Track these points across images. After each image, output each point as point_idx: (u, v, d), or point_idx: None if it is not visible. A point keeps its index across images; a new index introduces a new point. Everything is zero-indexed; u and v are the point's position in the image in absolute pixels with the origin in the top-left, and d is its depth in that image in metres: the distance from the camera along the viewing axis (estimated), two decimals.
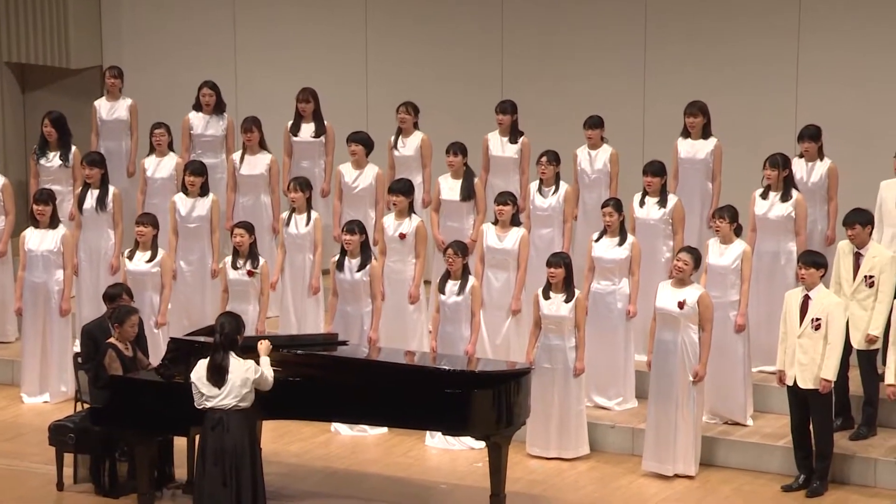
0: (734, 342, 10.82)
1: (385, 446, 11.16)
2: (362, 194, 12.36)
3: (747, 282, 10.82)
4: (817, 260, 10.16)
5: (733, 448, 10.67)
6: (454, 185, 12.06)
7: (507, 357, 11.26)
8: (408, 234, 11.55)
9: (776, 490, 10.25)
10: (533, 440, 10.87)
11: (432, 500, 10.24)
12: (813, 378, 10.02)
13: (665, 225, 11.52)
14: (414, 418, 9.81)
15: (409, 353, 10.81)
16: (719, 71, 12.70)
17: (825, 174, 11.45)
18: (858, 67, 12.27)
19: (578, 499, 10.21)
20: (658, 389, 10.46)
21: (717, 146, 11.83)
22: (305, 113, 12.93)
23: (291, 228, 11.83)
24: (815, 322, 10.02)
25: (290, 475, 10.61)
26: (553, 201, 11.87)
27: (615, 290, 11.14)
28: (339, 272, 11.21)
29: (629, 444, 10.94)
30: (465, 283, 10.91)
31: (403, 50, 13.93)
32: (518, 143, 12.41)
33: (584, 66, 13.25)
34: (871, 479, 10.27)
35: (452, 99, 13.60)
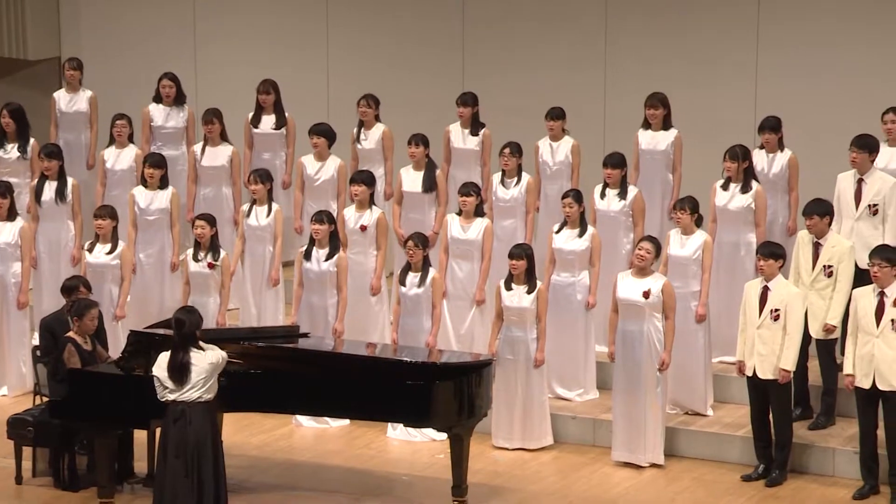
0: (695, 332, 10.88)
1: (347, 438, 11.17)
2: (324, 186, 12.36)
3: (708, 272, 10.89)
4: (776, 251, 10.23)
5: (694, 438, 10.73)
6: (416, 177, 12.08)
7: (472, 347, 11.30)
8: (369, 226, 11.56)
9: (736, 479, 10.32)
10: (496, 431, 10.91)
11: (394, 491, 10.26)
12: (772, 368, 10.09)
13: (626, 216, 11.56)
14: (375, 410, 9.84)
15: (371, 346, 10.83)
16: (679, 63, 12.76)
17: (785, 165, 11.52)
18: (817, 60, 12.36)
19: (541, 489, 10.26)
20: (625, 380, 10.51)
21: (677, 137, 11.89)
22: (266, 104, 12.91)
23: (252, 220, 11.82)
24: (774, 313, 10.09)
25: (251, 467, 10.60)
26: (515, 193, 11.91)
27: (575, 281, 11.19)
28: (307, 262, 11.21)
29: (591, 435, 10.99)
30: (425, 274, 10.93)
31: (364, 42, 13.92)
32: (479, 134, 12.43)
33: (545, 58, 13.29)
34: (830, 469, 10.35)
35: (413, 91, 13.61)
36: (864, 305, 9.86)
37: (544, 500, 10.06)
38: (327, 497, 10.12)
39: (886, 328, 9.76)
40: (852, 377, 9.91)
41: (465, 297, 11.46)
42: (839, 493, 10.07)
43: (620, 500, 10.08)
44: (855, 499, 9.97)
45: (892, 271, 9.83)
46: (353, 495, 10.16)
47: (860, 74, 12.20)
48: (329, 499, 10.10)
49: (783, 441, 10.22)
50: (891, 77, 12.07)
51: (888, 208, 10.73)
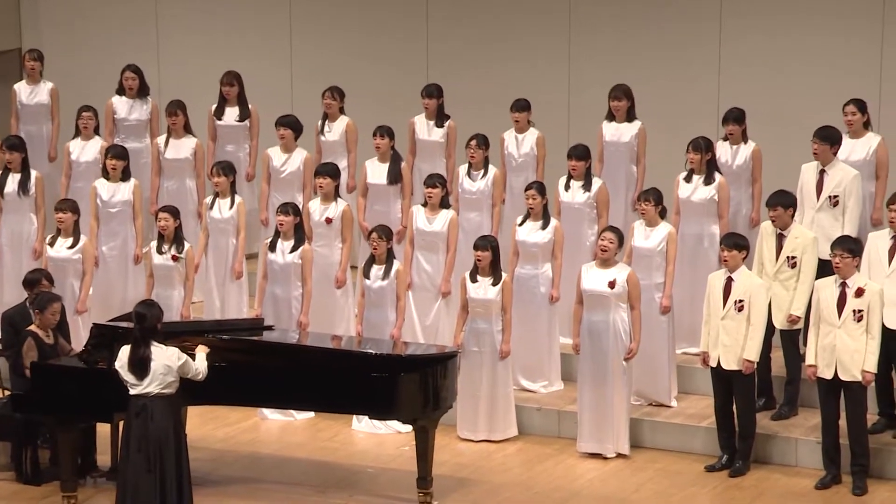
0: (659, 324, 10.95)
1: (312, 431, 11.19)
2: (290, 178, 12.37)
3: (672, 264, 10.95)
4: (739, 242, 10.30)
5: (658, 429, 10.81)
6: (381, 169, 12.10)
7: (437, 339, 11.34)
8: (334, 219, 11.59)
9: (700, 470, 10.40)
10: (461, 423, 10.95)
11: (359, 484, 10.29)
12: (736, 359, 10.17)
13: (590, 208, 11.62)
14: (340, 403, 9.86)
15: (336, 338, 10.87)
16: (643, 55, 12.82)
17: (749, 157, 11.59)
18: (779, 51, 12.44)
19: (506, 480, 10.31)
20: (591, 371, 10.57)
21: (641, 129, 11.95)
22: (230, 97, 12.90)
23: (215, 213, 11.83)
24: (737, 304, 10.17)
25: (216, 460, 10.62)
26: (482, 185, 11.95)
27: (538, 274, 11.24)
28: (272, 253, 11.23)
29: (556, 427, 11.05)
30: (389, 267, 10.96)
31: (328, 34, 13.93)
32: (444, 126, 12.47)
33: (510, 50, 13.34)
34: (793, 459, 10.44)
35: (378, 83, 13.63)
36: (825, 296, 9.95)
37: (509, 492, 10.11)
38: (292, 489, 10.14)
39: (848, 319, 9.85)
40: (814, 367, 10.00)
41: (430, 289, 11.50)
42: (802, 482, 10.15)
43: (584, 491, 10.14)
44: (817, 488, 10.06)
45: (853, 262, 9.93)
46: (317, 488, 10.18)
47: (823, 66, 12.28)
48: (294, 491, 10.12)
49: (746, 431, 10.30)
50: (853, 69, 12.16)
51: (848, 200, 10.81)
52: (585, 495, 10.06)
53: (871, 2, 12.12)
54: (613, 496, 10.04)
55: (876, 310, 9.84)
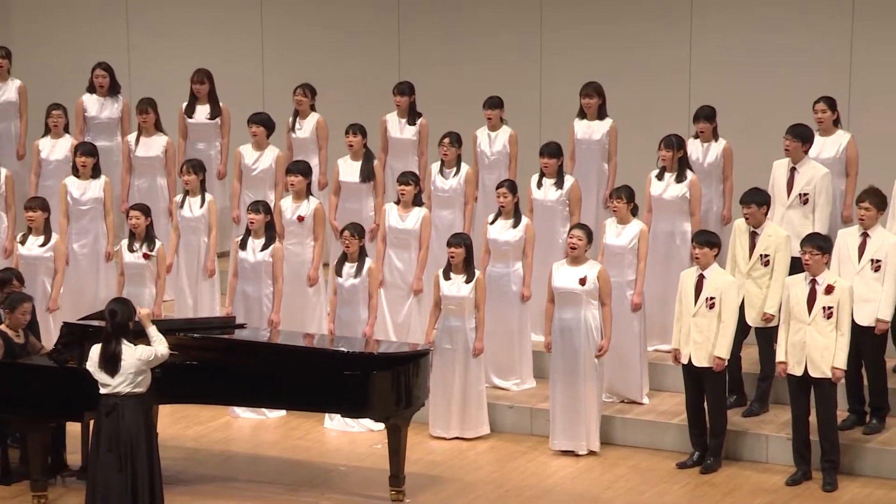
0: (631, 321, 11.02)
1: (284, 429, 11.23)
2: (262, 176, 12.42)
3: (644, 261, 11.02)
4: (711, 239, 10.38)
5: (630, 426, 10.89)
6: (353, 167, 12.15)
7: (409, 337, 11.39)
8: (306, 217, 11.64)
9: (671, 467, 10.48)
10: (434, 420, 11.02)
11: (331, 482, 10.33)
12: (707, 356, 10.25)
13: (562, 206, 11.69)
14: (313, 401, 9.91)
15: (308, 336, 10.90)
16: (614, 53, 12.90)
17: (720, 154, 11.68)
18: (750, 49, 12.52)
19: (478, 478, 10.36)
20: (563, 368, 10.64)
21: (612, 127, 12.03)
22: (200, 94, 12.94)
23: (185, 211, 11.86)
24: (709, 301, 10.25)
25: (188, 459, 10.65)
26: (454, 183, 12.01)
27: (509, 272, 11.30)
28: (242, 251, 11.27)
29: (528, 424, 11.12)
30: (361, 265, 11.01)
31: (300, 31, 13.97)
32: (416, 124, 12.53)
33: (481, 48, 13.40)
34: (763, 455, 10.53)
35: (350, 81, 13.68)
36: (795, 293, 10.04)
37: (481, 489, 10.17)
38: (264, 488, 10.18)
39: (818, 316, 9.94)
40: (784, 364, 10.09)
41: (402, 287, 11.56)
42: (772, 479, 10.25)
43: (557, 488, 10.21)
44: (788, 484, 10.14)
45: (823, 259, 10.02)
46: (289, 486, 10.22)
47: (793, 64, 12.37)
48: (266, 490, 10.16)
49: (718, 428, 10.39)
50: (823, 66, 12.26)
51: (818, 197, 10.91)
52: (557, 492, 10.13)
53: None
54: (585, 493, 10.11)
55: (846, 307, 9.94)
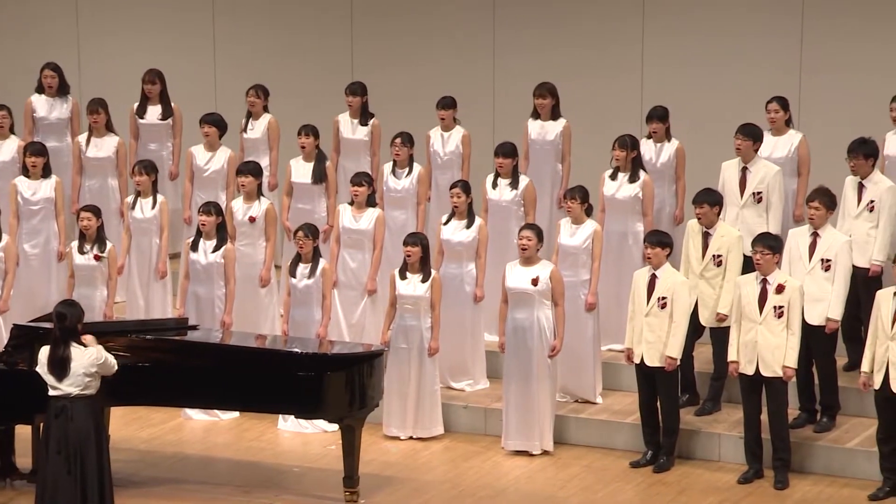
0: (585, 321, 11.15)
1: (237, 431, 11.30)
2: (213, 176, 12.48)
3: (598, 261, 11.14)
4: (663, 240, 10.52)
5: (583, 425, 11.03)
6: (306, 168, 12.24)
7: (363, 337, 11.47)
8: (257, 218, 11.72)
9: (625, 466, 10.62)
10: (389, 420, 11.12)
11: (285, 483, 10.39)
12: (659, 356, 10.38)
13: (517, 206, 11.81)
14: (266, 402, 9.96)
15: (261, 337, 10.97)
16: (567, 53, 13.05)
17: (673, 154, 11.82)
18: (702, 49, 12.67)
19: (433, 478, 10.46)
20: (516, 368, 10.75)
21: (566, 127, 12.17)
22: (152, 95, 12.98)
23: (137, 212, 11.92)
24: (661, 301, 10.39)
25: (140, 461, 10.70)
26: (406, 183, 12.12)
27: (463, 272, 11.42)
28: (194, 253, 11.34)
29: (482, 424, 11.23)
30: (315, 265, 11.11)
31: (252, 31, 14.03)
32: (368, 124, 12.63)
33: (435, 48, 13.51)
34: (716, 454, 10.69)
35: (302, 81, 13.76)
36: (747, 293, 10.20)
37: (435, 490, 10.26)
38: (217, 490, 10.24)
39: (769, 315, 10.10)
40: (736, 364, 10.24)
41: (356, 288, 11.66)
42: (725, 477, 10.40)
43: (510, 488, 10.31)
44: (740, 483, 10.29)
45: (773, 259, 10.19)
46: (243, 488, 10.28)
47: (746, 63, 12.52)
48: (219, 491, 10.21)
49: (670, 427, 10.53)
50: (774, 66, 12.43)
51: (771, 196, 11.10)
52: (511, 492, 10.24)
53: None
54: (539, 493, 10.23)
55: (796, 306, 10.11)
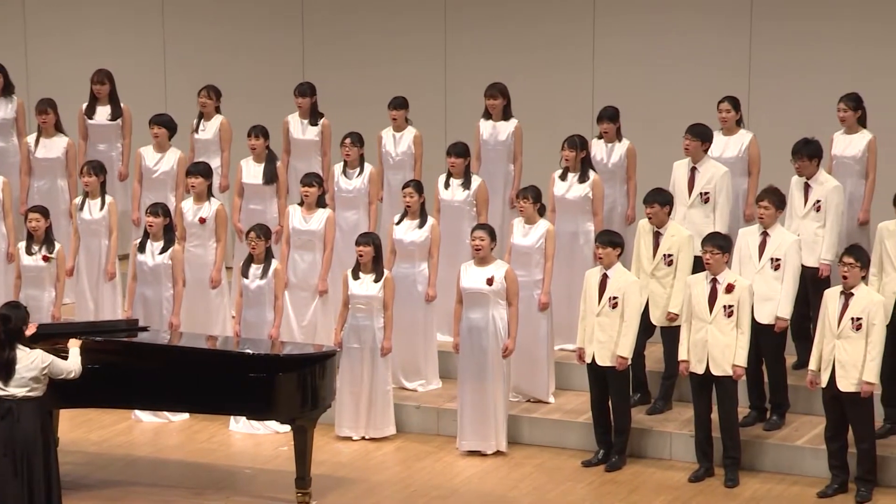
0: (538, 321, 11.26)
1: (188, 432, 11.35)
2: (163, 178, 12.52)
3: (551, 260, 11.24)
4: (614, 239, 10.65)
5: (536, 425, 11.14)
6: (256, 169, 12.31)
7: (314, 338, 11.55)
8: (207, 219, 11.79)
9: (577, 465, 10.73)
10: (340, 420, 11.20)
11: (236, 485, 10.44)
12: (611, 355, 10.51)
13: (470, 206, 11.91)
14: (217, 403, 10.00)
15: (212, 338, 11.00)
16: (518, 54, 13.18)
17: (624, 154, 11.97)
18: (652, 49, 12.83)
19: (385, 479, 10.53)
20: (471, 368, 10.85)
21: (517, 128, 12.28)
22: (101, 95, 13.00)
23: (85, 213, 11.95)
24: (612, 301, 10.51)
25: (90, 464, 10.72)
26: (357, 183, 12.22)
27: (415, 272, 11.54)
28: (141, 254, 11.40)
29: (434, 424, 11.34)
30: (267, 266, 11.18)
31: (202, 32, 14.09)
32: (318, 125, 12.71)
33: (386, 48, 13.61)
34: (667, 453, 10.83)
35: (252, 82, 13.83)
36: (697, 292, 10.35)
37: (388, 490, 10.35)
38: (168, 492, 10.27)
39: (719, 314, 10.24)
40: (686, 363, 10.39)
41: (307, 288, 11.73)
42: (676, 476, 10.53)
43: (463, 488, 10.41)
44: (691, 481, 10.43)
45: (723, 258, 10.33)
46: (194, 490, 10.32)
47: (696, 64, 12.70)
48: (170, 493, 10.25)
49: (622, 426, 10.66)
50: (723, 66, 12.62)
51: (719, 196, 11.25)
52: (464, 492, 10.33)
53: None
54: (492, 493, 10.33)
55: (746, 305, 10.26)
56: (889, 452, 10.33)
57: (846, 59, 12.32)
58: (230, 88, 13.13)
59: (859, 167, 11.38)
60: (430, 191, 11.90)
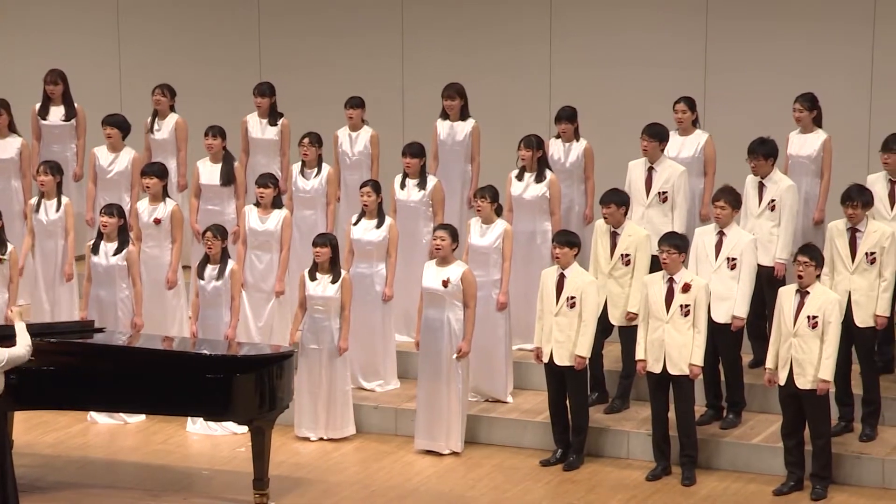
0: (496, 320, 11.33)
1: (145, 434, 11.36)
2: (117, 178, 12.53)
3: (508, 260, 11.32)
4: (571, 239, 10.72)
5: (494, 425, 11.21)
6: (213, 170, 12.34)
7: (271, 339, 11.59)
8: (162, 219, 11.81)
9: (535, 465, 10.80)
10: (299, 420, 11.24)
11: (194, 486, 10.47)
12: (568, 355, 10.59)
13: (426, 206, 11.99)
14: (174, 405, 10.02)
15: (168, 339, 11.03)
16: (475, 54, 13.25)
17: (581, 154, 12.06)
18: (609, 49, 12.93)
19: (343, 479, 10.58)
20: (427, 368, 10.91)
21: (474, 128, 12.36)
22: (54, 95, 12.99)
23: (41, 214, 11.95)
24: (570, 300, 10.60)
25: (45, 466, 10.72)
26: (315, 183, 12.26)
27: (373, 272, 11.60)
28: (95, 256, 11.40)
29: (393, 425, 11.39)
30: (224, 266, 11.21)
31: (157, 31, 14.08)
32: (278, 124, 12.75)
33: (343, 48, 13.66)
34: (625, 451, 10.93)
35: (210, 81, 13.84)
36: (654, 292, 10.46)
37: (346, 491, 10.39)
38: (124, 494, 10.29)
39: (676, 314, 10.35)
40: (644, 362, 10.50)
41: (264, 289, 11.77)
42: (633, 474, 10.63)
43: (421, 488, 10.46)
44: (648, 480, 10.53)
45: (680, 258, 10.44)
46: (151, 491, 10.34)
47: (653, 63, 12.79)
48: (126, 495, 10.26)
49: (579, 425, 10.75)
50: (683, 66, 12.71)
51: (677, 196, 11.37)
52: (422, 492, 10.39)
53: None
54: (450, 492, 10.39)
55: (702, 304, 10.37)
56: (844, 450, 10.49)
57: (802, 58, 12.46)
58: (187, 88, 13.14)
59: (814, 167, 11.53)
60: (388, 191, 11.96)
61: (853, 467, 10.39)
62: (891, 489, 10.31)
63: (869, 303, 10.48)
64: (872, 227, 10.52)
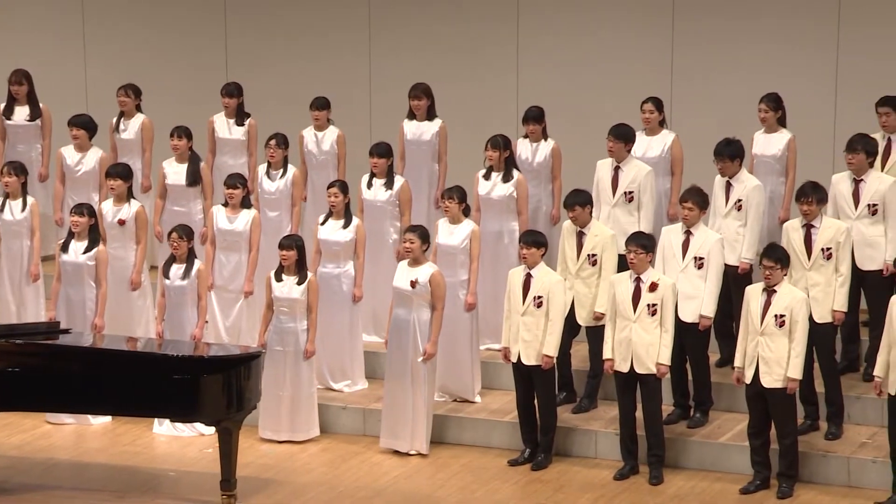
0: (464, 321, 11.37)
1: (111, 435, 11.35)
2: (85, 178, 12.52)
3: (476, 261, 11.36)
4: (538, 239, 10.77)
5: (462, 425, 11.25)
6: (179, 170, 12.34)
7: (239, 339, 11.61)
8: (127, 220, 11.80)
9: (503, 465, 10.85)
10: (265, 423, 11.25)
11: (161, 487, 10.47)
12: (536, 354, 10.65)
13: (392, 206, 12.02)
14: (141, 406, 10.01)
15: (132, 340, 11.02)
16: (442, 54, 13.30)
17: (549, 154, 12.11)
18: (576, 49, 12.99)
19: (310, 480, 10.59)
20: (393, 367, 10.95)
21: (441, 128, 12.41)
22: (19, 96, 12.97)
23: (6, 215, 11.92)
24: (536, 300, 10.64)
25: (10, 468, 10.70)
26: (281, 184, 12.27)
27: (340, 272, 11.61)
28: (64, 254, 11.39)
29: (361, 425, 11.42)
30: (190, 266, 11.22)
31: (123, 30, 14.06)
32: (245, 124, 12.77)
33: (310, 48, 13.68)
34: (593, 451, 10.98)
35: (176, 81, 13.83)
36: (621, 291, 10.52)
37: (314, 491, 10.41)
38: (91, 496, 10.28)
39: (643, 313, 10.42)
40: (611, 361, 10.57)
41: (232, 290, 11.79)
42: (601, 474, 10.69)
43: (389, 488, 10.50)
44: (616, 479, 10.60)
45: (647, 257, 10.51)
46: (117, 493, 10.33)
47: (620, 63, 12.86)
48: (93, 497, 10.25)
49: (547, 425, 10.80)
50: (647, 66, 12.81)
51: (643, 196, 11.44)
52: (390, 493, 10.42)
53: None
54: (418, 493, 10.42)
55: (669, 304, 10.44)
56: (810, 448, 10.58)
57: (767, 58, 12.55)
58: (153, 88, 13.14)
59: (779, 166, 11.64)
60: (355, 191, 11.98)
61: (819, 465, 10.48)
62: (856, 487, 10.40)
63: (826, 299, 10.59)
64: (827, 223, 10.65)
